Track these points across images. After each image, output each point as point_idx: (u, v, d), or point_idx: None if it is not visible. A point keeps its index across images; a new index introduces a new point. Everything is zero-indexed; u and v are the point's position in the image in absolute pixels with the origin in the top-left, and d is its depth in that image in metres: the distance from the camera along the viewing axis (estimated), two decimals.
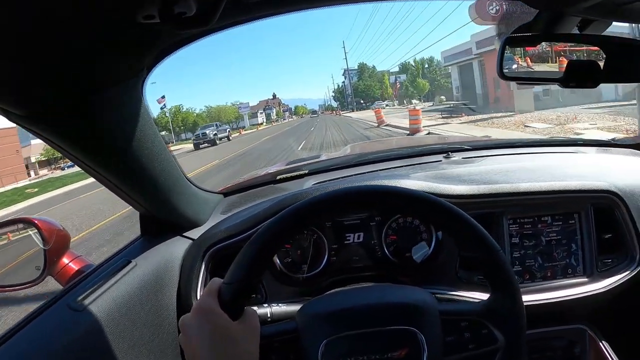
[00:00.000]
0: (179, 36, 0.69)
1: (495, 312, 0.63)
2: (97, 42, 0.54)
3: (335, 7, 0.75)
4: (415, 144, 2.56)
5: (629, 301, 1.09)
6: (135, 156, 0.77)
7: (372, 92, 78.87)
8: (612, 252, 1.08)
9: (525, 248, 1.06)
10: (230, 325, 0.56)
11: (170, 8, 0.48)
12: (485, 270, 0.63)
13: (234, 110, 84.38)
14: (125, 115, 0.72)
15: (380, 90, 77.36)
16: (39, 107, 0.59)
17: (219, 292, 0.58)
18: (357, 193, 0.64)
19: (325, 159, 1.89)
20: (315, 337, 0.63)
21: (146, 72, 0.71)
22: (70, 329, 0.73)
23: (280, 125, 58.38)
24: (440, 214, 0.63)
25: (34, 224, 0.96)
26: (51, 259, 0.95)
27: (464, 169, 1.20)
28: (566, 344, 1.09)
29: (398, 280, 1.03)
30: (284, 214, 0.61)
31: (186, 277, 0.97)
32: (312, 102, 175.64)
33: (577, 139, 1.70)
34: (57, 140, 0.66)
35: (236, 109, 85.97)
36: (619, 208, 1.06)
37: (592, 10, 0.75)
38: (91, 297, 0.78)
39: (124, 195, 0.87)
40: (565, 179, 1.07)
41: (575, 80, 0.84)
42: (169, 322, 0.91)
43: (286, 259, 1.07)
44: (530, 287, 1.04)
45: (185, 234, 1.05)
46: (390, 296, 0.70)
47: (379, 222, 1.07)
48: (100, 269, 0.90)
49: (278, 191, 1.30)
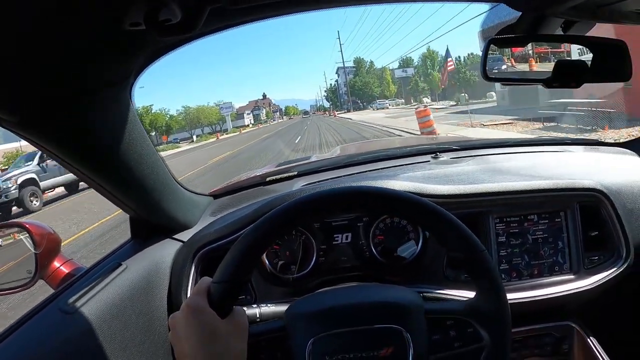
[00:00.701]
0: (166, 41, 0.70)
1: (479, 311, 0.64)
2: (85, 47, 0.55)
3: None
4: (405, 144, 2.57)
5: (615, 297, 1.11)
6: (125, 159, 0.78)
7: (370, 90, 75.02)
8: (598, 250, 1.09)
9: (512, 247, 1.07)
10: (218, 323, 0.57)
11: (155, 15, 0.49)
12: (469, 270, 0.64)
13: (216, 112, 76.77)
14: (114, 119, 0.72)
15: (380, 88, 74.05)
16: (30, 113, 0.59)
17: (208, 290, 0.59)
18: (343, 194, 0.64)
19: (315, 160, 1.90)
20: (303, 335, 0.64)
21: (134, 76, 0.72)
22: (61, 332, 0.73)
23: (268, 128, 54.37)
24: (424, 214, 0.64)
25: (25, 227, 0.96)
26: (42, 262, 0.95)
27: (451, 169, 1.21)
28: (554, 340, 1.11)
29: (386, 280, 1.04)
30: (272, 214, 0.62)
31: (176, 278, 0.97)
32: (303, 102, 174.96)
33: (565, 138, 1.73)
34: (46, 143, 0.66)
35: (218, 109, 77.47)
36: (605, 206, 1.07)
37: (574, 11, 0.76)
38: (82, 300, 0.78)
39: (114, 199, 0.87)
40: (551, 177, 1.09)
41: (560, 81, 0.86)
42: (160, 323, 0.92)
43: (275, 260, 1.07)
44: (518, 285, 1.05)
45: (175, 236, 1.05)
46: (376, 295, 0.71)
47: (366, 222, 1.08)
48: (91, 272, 0.90)
49: (267, 193, 1.30)
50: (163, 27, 0.49)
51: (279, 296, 1.04)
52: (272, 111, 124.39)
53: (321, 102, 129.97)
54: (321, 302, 0.70)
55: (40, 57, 0.51)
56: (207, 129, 74.48)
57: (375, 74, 79.43)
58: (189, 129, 71.28)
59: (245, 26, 0.72)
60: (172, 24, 0.49)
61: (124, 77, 0.68)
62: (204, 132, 70.70)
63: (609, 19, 0.80)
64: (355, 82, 77.50)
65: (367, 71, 79.96)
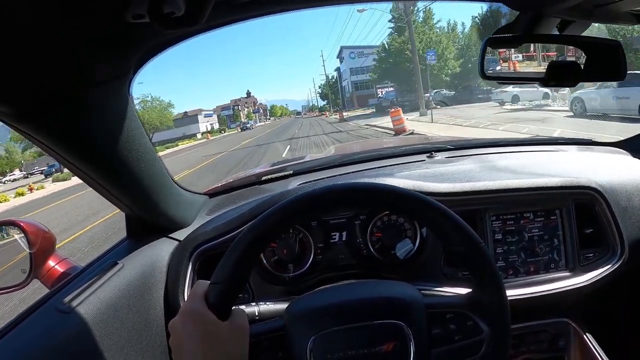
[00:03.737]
0: (166, 36, 0.70)
1: (480, 304, 0.64)
2: (85, 39, 0.55)
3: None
4: (400, 144, 2.58)
5: (611, 294, 1.12)
6: (122, 156, 0.77)
7: (445, 64, 33.10)
8: (593, 247, 1.10)
9: (508, 244, 1.08)
10: (218, 326, 0.56)
11: (160, 7, 0.48)
12: (468, 263, 0.65)
13: (167, 115, 50.88)
14: (112, 114, 0.72)
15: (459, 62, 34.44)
16: (27, 106, 0.58)
17: (206, 293, 0.59)
18: (341, 190, 0.64)
19: (310, 160, 1.90)
20: (303, 333, 0.64)
21: (133, 72, 0.71)
22: (57, 332, 0.72)
23: (225, 142, 32.42)
24: (424, 210, 0.64)
25: (19, 226, 0.95)
26: (37, 262, 0.94)
27: (447, 167, 1.22)
28: (551, 337, 1.12)
29: (383, 277, 1.04)
30: (269, 213, 0.61)
31: (173, 278, 0.97)
32: (296, 103, 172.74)
33: (559, 137, 1.75)
34: (44, 139, 0.65)
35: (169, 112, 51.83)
36: (600, 204, 1.09)
37: (570, 11, 0.77)
38: (78, 299, 0.77)
39: (110, 196, 0.86)
40: (547, 175, 1.10)
41: (555, 80, 0.87)
42: (156, 323, 0.91)
43: (273, 259, 1.07)
44: (514, 282, 1.06)
45: (171, 235, 1.05)
46: (376, 291, 0.71)
47: (364, 220, 1.09)
48: (86, 271, 0.89)
49: (263, 192, 1.30)
50: (167, 20, 0.49)
51: (277, 295, 1.03)
52: (253, 111, 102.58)
53: (313, 102, 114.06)
54: (321, 300, 0.70)
55: (39, 49, 0.51)
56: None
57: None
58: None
59: (249, 22, 0.72)
60: (177, 16, 0.49)
61: (123, 71, 0.68)
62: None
63: (605, 19, 0.82)
64: (402, 45, 32.05)
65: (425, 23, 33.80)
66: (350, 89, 63.36)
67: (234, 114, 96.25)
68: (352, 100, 61.86)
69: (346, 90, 68.63)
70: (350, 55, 58.96)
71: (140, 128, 0.80)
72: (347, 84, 65.36)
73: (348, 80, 63.69)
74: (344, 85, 70.91)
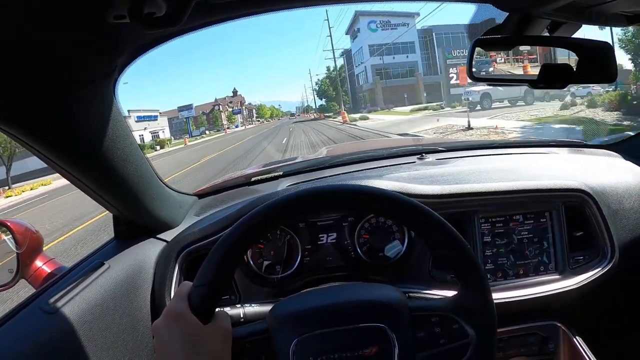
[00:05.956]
0: (150, 36, 0.69)
1: (465, 308, 0.64)
2: (68, 41, 0.54)
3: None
4: (390, 145, 2.57)
5: (600, 297, 1.12)
6: (108, 157, 0.76)
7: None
8: (583, 250, 1.10)
9: (497, 247, 1.08)
10: (200, 328, 0.56)
11: (140, 8, 0.48)
12: (453, 266, 0.64)
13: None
14: (98, 115, 0.71)
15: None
16: (11, 107, 0.58)
17: (189, 295, 0.58)
18: (325, 192, 0.64)
19: (300, 161, 1.90)
20: (286, 336, 0.63)
21: (118, 72, 0.71)
22: (42, 332, 0.71)
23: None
24: (408, 212, 0.64)
25: (6, 226, 0.94)
26: (24, 261, 0.94)
27: (437, 169, 1.22)
28: (540, 340, 1.11)
29: (371, 279, 1.04)
30: (252, 214, 0.61)
31: (159, 278, 0.96)
32: (290, 104, 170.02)
33: (551, 140, 1.75)
34: (29, 140, 0.65)
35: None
36: (590, 206, 1.08)
37: (561, 12, 0.77)
38: (64, 299, 0.77)
39: (97, 197, 0.86)
40: (537, 178, 1.10)
41: (546, 82, 0.86)
42: (142, 323, 0.91)
43: (260, 260, 1.07)
44: (503, 285, 1.06)
45: (159, 236, 1.04)
46: (360, 294, 0.70)
47: (351, 222, 1.08)
48: (72, 271, 0.89)
49: (252, 193, 1.30)
50: (148, 20, 0.48)
51: (264, 296, 1.03)
52: (233, 112, 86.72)
53: (307, 103, 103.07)
54: (304, 303, 0.70)
55: (21, 51, 0.50)
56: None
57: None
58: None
59: (232, 22, 0.71)
60: (158, 17, 0.48)
61: (107, 72, 0.67)
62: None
63: (596, 20, 0.81)
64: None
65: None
66: (368, 78, 43.63)
67: (213, 115, 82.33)
68: (370, 96, 43.36)
69: (359, 81, 48.57)
70: (370, 25, 41.18)
71: (127, 129, 0.80)
72: (364, 70, 45.16)
73: (366, 66, 43.64)
74: (357, 73, 49.46)
